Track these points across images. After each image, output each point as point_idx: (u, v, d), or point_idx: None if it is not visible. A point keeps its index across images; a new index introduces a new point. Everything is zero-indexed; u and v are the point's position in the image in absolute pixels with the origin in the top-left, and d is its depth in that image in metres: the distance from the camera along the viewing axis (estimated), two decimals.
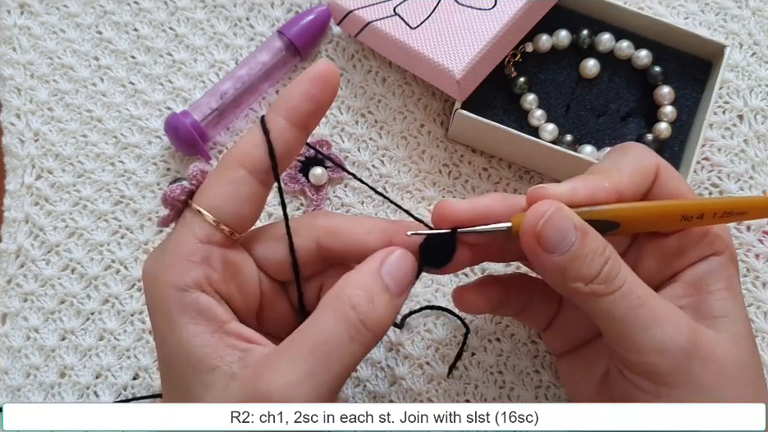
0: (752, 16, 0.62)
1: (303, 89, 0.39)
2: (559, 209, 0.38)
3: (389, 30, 0.56)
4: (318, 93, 0.39)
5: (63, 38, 0.61)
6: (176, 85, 0.61)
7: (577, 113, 0.58)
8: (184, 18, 0.62)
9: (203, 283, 0.38)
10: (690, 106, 0.58)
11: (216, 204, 0.39)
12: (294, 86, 0.40)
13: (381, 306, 0.37)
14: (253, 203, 0.40)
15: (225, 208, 0.39)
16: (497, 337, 0.56)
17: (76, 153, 0.59)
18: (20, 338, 0.56)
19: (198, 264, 0.38)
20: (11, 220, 0.58)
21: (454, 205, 0.41)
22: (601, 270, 0.38)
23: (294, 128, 0.40)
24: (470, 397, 0.55)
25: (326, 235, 0.42)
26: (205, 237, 0.38)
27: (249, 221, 0.41)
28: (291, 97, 0.40)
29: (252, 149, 0.39)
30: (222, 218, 0.39)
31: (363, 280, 0.38)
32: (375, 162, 0.59)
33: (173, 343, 0.37)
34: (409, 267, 0.39)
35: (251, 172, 0.39)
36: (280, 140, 0.39)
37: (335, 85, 0.40)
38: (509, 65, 0.58)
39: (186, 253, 0.38)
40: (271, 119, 0.40)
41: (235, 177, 0.39)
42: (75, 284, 0.57)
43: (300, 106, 0.39)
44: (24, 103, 0.60)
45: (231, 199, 0.39)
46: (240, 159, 0.39)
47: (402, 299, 0.39)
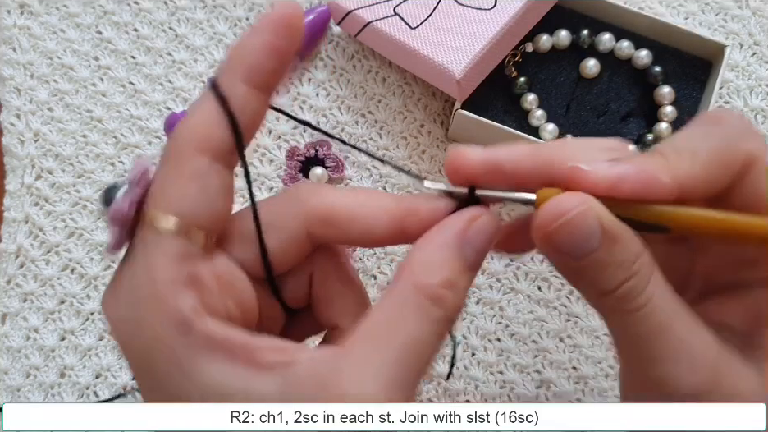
0: (752, 16, 0.62)
1: (264, 41, 0.30)
2: (584, 212, 0.30)
3: (389, 30, 0.56)
4: (284, 43, 0.31)
5: (63, 38, 0.61)
6: (175, 85, 0.61)
7: (577, 113, 0.58)
8: (184, 18, 0.62)
9: (201, 310, 0.30)
10: (690, 106, 0.58)
11: (184, 208, 0.30)
12: (252, 37, 0.31)
13: (462, 291, 0.31)
14: (225, 195, 0.31)
15: (196, 210, 0.30)
16: (497, 337, 0.56)
17: (76, 154, 0.59)
18: (20, 338, 0.56)
19: (186, 287, 0.29)
20: (11, 220, 0.58)
21: (468, 155, 0.32)
22: (620, 286, 0.31)
23: (256, 92, 0.31)
24: (470, 397, 0.55)
25: (319, 224, 0.33)
26: (180, 254, 0.30)
27: (224, 216, 0.32)
28: (250, 52, 0.31)
29: (209, 128, 0.30)
30: (197, 221, 0.30)
31: (440, 262, 0.30)
32: (375, 162, 0.59)
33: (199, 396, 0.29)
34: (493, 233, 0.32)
35: (215, 157, 0.30)
36: (244, 112, 0.31)
37: (300, 30, 0.31)
38: (510, 65, 0.58)
39: (166, 281, 0.29)
40: (227, 83, 0.30)
41: (199, 169, 0.30)
42: (74, 284, 0.57)
43: (263, 63, 0.30)
44: (24, 104, 0.60)
45: (202, 199, 0.30)
46: (197, 143, 0.30)
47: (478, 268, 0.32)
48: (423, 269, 0.30)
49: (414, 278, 0.30)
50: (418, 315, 0.30)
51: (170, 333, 0.29)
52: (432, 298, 0.30)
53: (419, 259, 0.31)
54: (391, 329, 0.29)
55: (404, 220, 0.32)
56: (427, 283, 0.30)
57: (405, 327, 0.29)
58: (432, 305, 0.30)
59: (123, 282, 0.30)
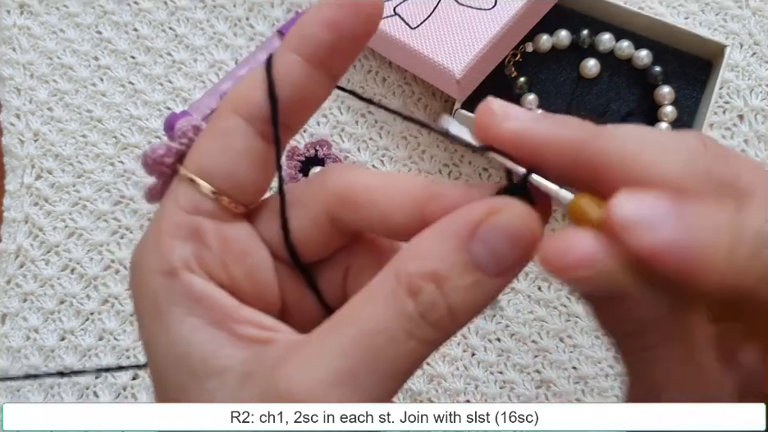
0: (752, 16, 0.62)
1: (323, 15, 0.29)
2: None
3: (389, 30, 0.56)
4: (346, 21, 0.28)
5: (63, 38, 0.61)
6: (175, 85, 0.60)
7: (577, 113, 0.57)
8: (183, 18, 0.62)
9: (193, 264, 0.29)
10: (690, 106, 0.58)
11: (203, 163, 0.29)
12: (315, 10, 0.29)
13: (460, 294, 0.26)
14: (251, 161, 0.29)
15: (214, 168, 0.29)
16: (497, 336, 0.56)
17: (76, 154, 0.59)
18: (20, 339, 0.56)
19: (184, 239, 0.29)
20: (11, 220, 0.58)
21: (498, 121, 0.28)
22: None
23: (308, 66, 0.29)
24: (470, 397, 0.55)
25: (338, 204, 0.30)
26: (191, 206, 0.29)
27: (252, 187, 0.30)
28: (307, 25, 0.29)
29: (250, 91, 0.29)
30: (213, 180, 0.29)
31: (435, 252, 0.26)
32: (375, 162, 0.59)
33: (165, 345, 0.28)
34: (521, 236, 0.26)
35: (248, 120, 0.29)
36: (287, 79, 0.29)
37: (372, 13, 0.29)
38: (510, 65, 0.58)
39: (169, 228, 0.29)
40: (279, 53, 0.29)
41: (226, 127, 0.29)
42: (74, 284, 0.57)
43: (317, 36, 0.28)
44: (23, 103, 0.60)
45: (221, 157, 0.29)
46: (234, 105, 0.29)
47: (508, 278, 0.26)
48: (409, 255, 0.26)
49: (397, 263, 0.26)
50: (385, 303, 0.26)
51: (156, 279, 0.28)
52: (408, 289, 0.26)
53: (413, 246, 0.27)
54: (352, 316, 0.26)
55: (426, 206, 0.28)
56: (407, 271, 0.26)
57: (366, 314, 0.26)
58: (406, 296, 0.26)
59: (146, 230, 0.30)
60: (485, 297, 0.26)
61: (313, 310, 0.32)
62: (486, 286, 0.26)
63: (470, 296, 0.26)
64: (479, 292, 0.26)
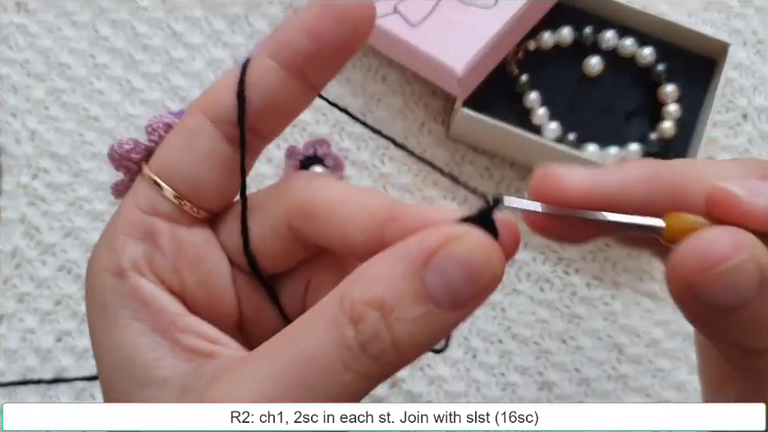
0: (755, 14, 0.62)
1: (303, 21, 0.27)
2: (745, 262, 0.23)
3: (389, 28, 0.56)
4: (328, 29, 0.27)
5: (59, 36, 0.61)
6: (173, 83, 0.60)
7: (580, 112, 0.57)
8: (181, 16, 0.61)
9: (143, 266, 0.28)
10: (694, 104, 0.57)
11: (166, 162, 0.28)
12: (296, 15, 0.28)
13: (407, 326, 0.23)
14: (215, 164, 0.28)
15: (176, 168, 0.28)
16: (499, 338, 0.55)
17: (72, 153, 0.58)
18: (16, 340, 0.55)
19: (137, 240, 0.28)
20: (7, 220, 0.57)
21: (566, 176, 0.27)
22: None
23: (284, 72, 0.27)
24: (471, 398, 0.54)
25: (298, 215, 0.29)
26: (149, 206, 0.28)
27: (215, 192, 0.29)
28: (286, 30, 0.27)
29: (220, 92, 0.28)
30: (174, 182, 0.28)
31: (384, 277, 0.24)
32: (375, 161, 0.58)
33: (109, 347, 0.27)
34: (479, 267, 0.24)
35: (215, 121, 0.28)
36: (259, 83, 0.27)
37: (359, 22, 0.27)
38: (512, 63, 0.57)
39: (124, 226, 0.28)
40: (255, 57, 0.28)
41: (192, 127, 0.28)
42: (71, 285, 0.56)
43: (295, 43, 0.27)
44: (20, 102, 0.59)
45: (184, 157, 0.28)
46: (203, 105, 0.28)
47: (462, 313, 0.24)
48: (359, 280, 0.24)
49: (344, 286, 0.25)
50: (325, 329, 0.24)
51: (105, 278, 0.27)
52: (350, 315, 0.24)
53: (362, 269, 0.25)
54: (290, 338, 0.25)
55: (385, 226, 0.27)
56: (352, 296, 0.24)
57: (303, 338, 0.24)
58: (347, 323, 0.24)
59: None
60: (435, 332, 0.24)
61: (274, 322, 0.31)
62: (437, 319, 0.24)
63: (418, 329, 0.24)
64: (429, 326, 0.24)
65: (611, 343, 0.55)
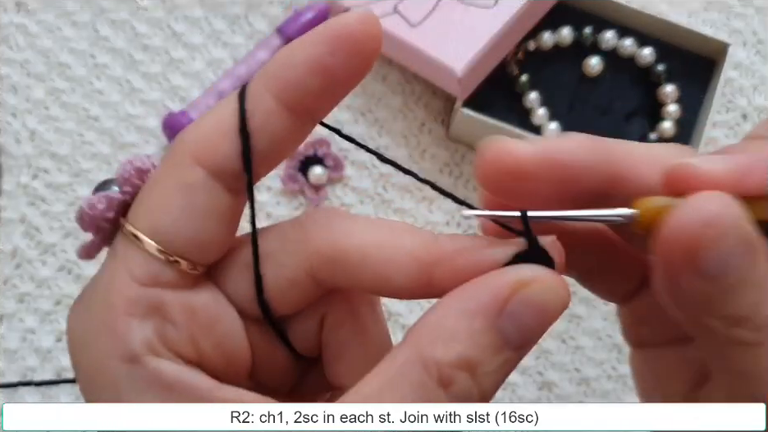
0: (755, 14, 0.62)
1: (310, 54, 0.24)
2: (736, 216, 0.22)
3: (389, 28, 0.56)
4: (339, 63, 0.24)
5: (59, 36, 0.61)
6: (173, 83, 0.60)
7: (580, 112, 0.57)
8: (181, 16, 0.61)
9: (158, 345, 0.25)
10: (694, 104, 0.57)
11: (160, 223, 0.25)
12: (302, 46, 0.25)
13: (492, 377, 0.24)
14: (217, 220, 0.26)
15: (174, 229, 0.25)
16: None
17: (72, 153, 0.58)
18: (16, 340, 0.55)
19: (143, 317, 0.25)
20: (7, 220, 0.57)
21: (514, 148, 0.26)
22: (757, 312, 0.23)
23: (287, 113, 0.25)
24: None
25: (324, 265, 0.26)
26: (148, 278, 0.25)
27: (215, 246, 0.26)
28: (292, 63, 0.25)
29: (216, 137, 0.25)
30: (172, 244, 0.25)
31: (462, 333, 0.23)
32: (375, 161, 0.58)
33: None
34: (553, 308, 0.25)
35: (213, 173, 0.25)
36: (264, 131, 0.25)
37: (369, 52, 0.25)
38: (512, 63, 0.57)
39: (123, 305, 0.25)
40: (254, 93, 0.25)
41: (189, 181, 0.25)
42: (71, 285, 0.56)
43: (302, 80, 0.24)
44: (20, 102, 0.59)
45: (183, 216, 0.25)
46: (197, 152, 0.25)
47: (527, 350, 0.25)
48: (433, 337, 0.23)
49: (420, 346, 0.23)
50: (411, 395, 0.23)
51: (115, 366, 0.25)
52: (439, 379, 0.23)
53: (432, 322, 0.24)
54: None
55: (434, 270, 0.26)
56: (436, 358, 0.23)
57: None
58: (437, 387, 0.23)
59: (85, 296, 0.27)
60: (511, 370, 0.25)
61: (284, 361, 0.30)
62: (513, 361, 0.24)
63: (501, 375, 0.24)
64: (508, 368, 0.24)
65: (611, 343, 0.55)
